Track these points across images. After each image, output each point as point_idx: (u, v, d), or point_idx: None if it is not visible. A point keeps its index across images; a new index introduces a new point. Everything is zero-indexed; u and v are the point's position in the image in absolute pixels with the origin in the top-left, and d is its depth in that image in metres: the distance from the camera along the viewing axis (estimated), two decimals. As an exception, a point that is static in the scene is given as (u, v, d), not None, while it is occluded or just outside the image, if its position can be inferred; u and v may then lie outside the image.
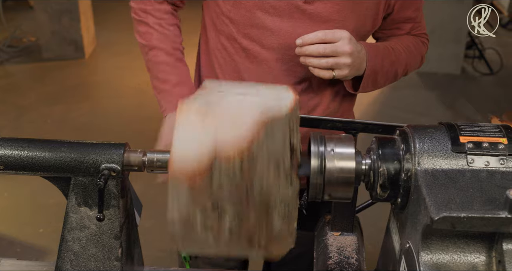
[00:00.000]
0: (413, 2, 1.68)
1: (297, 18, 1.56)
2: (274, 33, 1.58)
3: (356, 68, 1.55)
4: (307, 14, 1.56)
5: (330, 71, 1.51)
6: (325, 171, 1.09)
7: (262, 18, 1.57)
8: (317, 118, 1.42)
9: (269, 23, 1.57)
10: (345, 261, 1.37)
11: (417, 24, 1.75)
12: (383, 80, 1.67)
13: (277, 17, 1.56)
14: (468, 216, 0.93)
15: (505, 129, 1.10)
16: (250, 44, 1.61)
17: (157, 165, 1.15)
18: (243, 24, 1.60)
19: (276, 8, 1.56)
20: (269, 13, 1.56)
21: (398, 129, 1.15)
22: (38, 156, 1.16)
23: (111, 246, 1.20)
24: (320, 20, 1.57)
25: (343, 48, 1.48)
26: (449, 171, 1.05)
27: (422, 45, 1.78)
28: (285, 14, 1.56)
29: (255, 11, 1.57)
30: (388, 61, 1.64)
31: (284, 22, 1.57)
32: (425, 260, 1.01)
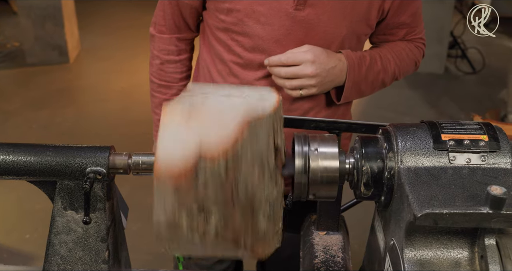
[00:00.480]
0: (408, 8, 1.67)
1: (288, 26, 1.56)
2: (266, 41, 1.59)
3: (327, 85, 1.58)
4: (297, 21, 1.56)
5: (297, 90, 1.56)
6: (309, 170, 1.11)
7: (253, 26, 1.57)
8: (300, 119, 1.44)
9: (261, 31, 1.58)
10: (331, 259, 1.39)
11: (412, 29, 1.74)
12: (369, 89, 1.69)
13: (269, 26, 1.57)
14: (450, 212, 0.95)
15: (485, 126, 1.12)
16: (243, 52, 1.62)
17: (143, 167, 1.16)
18: (237, 33, 1.60)
19: (267, 16, 1.56)
20: (260, 21, 1.57)
21: (381, 129, 1.17)
22: (23, 160, 1.16)
23: (98, 249, 1.20)
24: (311, 26, 1.57)
25: (304, 71, 1.53)
26: (431, 168, 1.07)
27: (416, 50, 1.77)
28: (276, 22, 1.56)
29: (247, 20, 1.57)
30: (373, 71, 1.65)
31: (275, 30, 1.57)
32: (409, 256, 1.02)
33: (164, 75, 1.81)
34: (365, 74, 1.63)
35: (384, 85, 1.72)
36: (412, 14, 1.69)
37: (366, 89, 1.67)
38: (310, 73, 1.52)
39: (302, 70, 1.53)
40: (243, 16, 1.57)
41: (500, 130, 1.11)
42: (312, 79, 1.53)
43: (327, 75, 1.55)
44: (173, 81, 1.81)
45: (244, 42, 1.61)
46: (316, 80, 1.54)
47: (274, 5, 1.54)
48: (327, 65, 1.54)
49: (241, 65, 1.64)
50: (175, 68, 1.80)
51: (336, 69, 1.57)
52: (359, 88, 1.65)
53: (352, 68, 1.59)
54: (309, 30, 1.57)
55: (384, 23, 1.68)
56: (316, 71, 1.52)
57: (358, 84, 1.63)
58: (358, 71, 1.61)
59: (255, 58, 1.61)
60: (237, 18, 1.58)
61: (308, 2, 1.53)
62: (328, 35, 1.59)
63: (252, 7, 1.55)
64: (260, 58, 1.61)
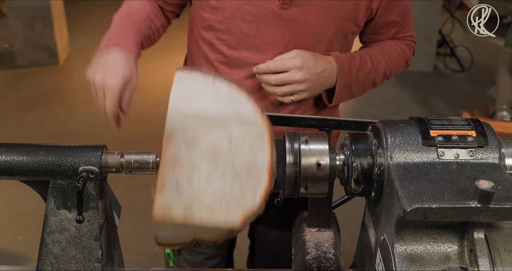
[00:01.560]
0: (397, 7, 1.67)
1: (274, 24, 1.57)
2: (251, 39, 1.59)
3: (317, 89, 1.59)
4: (283, 20, 1.56)
5: (288, 96, 1.56)
6: (300, 167, 1.12)
7: (239, 24, 1.58)
8: (290, 117, 1.45)
9: (247, 29, 1.58)
10: (322, 256, 1.40)
11: (402, 28, 1.75)
12: (360, 89, 1.70)
13: (255, 24, 1.57)
14: (439, 206, 0.96)
15: (473, 122, 1.13)
16: (228, 51, 1.62)
17: (135, 166, 1.16)
18: (221, 31, 1.61)
19: (253, 15, 1.56)
20: (246, 19, 1.57)
21: (371, 125, 1.18)
22: (16, 160, 1.16)
23: (91, 247, 1.21)
24: (297, 25, 1.57)
25: (293, 77, 1.53)
26: (421, 164, 1.08)
27: (407, 48, 1.78)
28: (262, 20, 1.57)
29: (233, 18, 1.57)
30: (363, 72, 1.66)
31: (261, 28, 1.57)
32: (400, 251, 1.04)
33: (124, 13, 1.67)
34: (356, 76, 1.64)
35: (375, 85, 1.73)
36: (401, 12, 1.69)
37: (357, 90, 1.68)
38: (299, 79, 1.53)
39: (291, 77, 1.53)
40: (229, 14, 1.57)
41: (487, 126, 1.13)
42: (301, 84, 1.54)
43: (316, 79, 1.56)
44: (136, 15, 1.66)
45: (230, 41, 1.61)
46: (306, 85, 1.54)
47: (260, 3, 1.55)
48: (316, 70, 1.55)
49: (227, 64, 1.64)
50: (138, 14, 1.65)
51: (326, 72, 1.57)
52: (350, 90, 1.65)
53: (342, 71, 1.60)
54: (295, 29, 1.58)
55: (373, 22, 1.68)
56: (305, 76, 1.53)
57: (349, 85, 1.64)
58: (348, 73, 1.61)
59: (241, 56, 1.61)
60: (223, 16, 1.58)
61: (294, 1, 1.53)
62: (315, 34, 1.59)
63: (239, 6, 1.56)
64: (246, 57, 1.61)
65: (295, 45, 1.58)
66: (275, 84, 1.55)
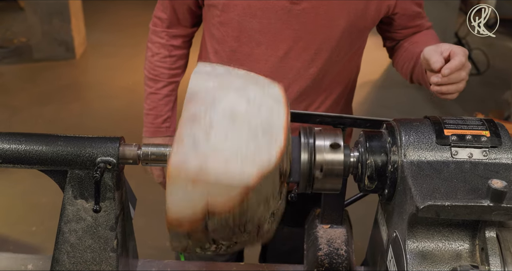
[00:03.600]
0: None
1: (285, 20, 1.58)
2: (262, 35, 1.60)
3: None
4: (294, 15, 1.57)
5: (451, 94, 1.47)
6: (314, 163, 1.13)
7: (250, 20, 1.58)
8: (306, 114, 1.46)
9: (257, 25, 1.59)
10: (334, 252, 1.41)
11: (425, 17, 1.76)
12: None
13: (265, 19, 1.58)
14: (452, 204, 0.97)
15: (487, 122, 1.14)
16: (239, 47, 1.63)
17: (152, 158, 1.18)
18: (232, 28, 1.61)
19: (264, 10, 1.57)
20: (257, 15, 1.58)
21: (385, 123, 1.19)
22: (35, 150, 1.18)
23: (107, 237, 1.23)
24: (308, 20, 1.58)
25: (469, 65, 1.45)
26: (434, 162, 1.09)
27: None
28: (273, 16, 1.57)
29: (244, 14, 1.58)
30: None
31: (272, 24, 1.58)
32: (411, 248, 1.04)
33: (153, 69, 1.83)
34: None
35: None
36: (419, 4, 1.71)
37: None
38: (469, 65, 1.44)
39: (468, 65, 1.43)
40: (239, 11, 1.58)
41: (501, 127, 1.13)
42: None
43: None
44: (161, 76, 1.83)
45: (241, 37, 1.62)
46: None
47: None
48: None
49: (238, 61, 1.65)
50: (164, 63, 1.82)
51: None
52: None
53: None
54: (306, 24, 1.58)
55: (398, 17, 1.68)
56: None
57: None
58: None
59: (252, 52, 1.62)
60: (234, 13, 1.59)
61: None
62: (326, 28, 1.59)
63: (249, 2, 1.57)
64: (257, 53, 1.62)
65: (305, 40, 1.59)
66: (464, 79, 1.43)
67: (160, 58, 1.82)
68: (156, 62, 1.82)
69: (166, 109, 1.85)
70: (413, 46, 1.70)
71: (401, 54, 1.74)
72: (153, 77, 1.83)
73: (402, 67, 1.73)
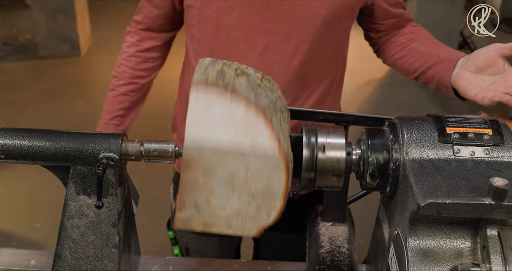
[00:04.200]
0: None
1: (263, 13, 1.56)
2: (240, 30, 1.58)
3: None
4: (272, 8, 1.55)
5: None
6: (316, 160, 1.13)
7: (227, 16, 1.57)
8: (309, 111, 1.46)
9: (235, 21, 1.57)
10: (336, 250, 1.41)
11: (406, 8, 1.74)
12: None
13: (243, 14, 1.56)
14: (453, 202, 0.97)
15: (490, 121, 1.14)
16: (219, 45, 1.62)
17: (154, 154, 1.18)
18: (211, 26, 1.60)
19: (240, 5, 1.55)
20: (234, 11, 1.56)
21: (387, 121, 1.19)
22: (38, 145, 1.19)
23: (109, 233, 1.23)
24: (286, 12, 1.55)
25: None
26: (436, 160, 1.09)
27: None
28: (250, 10, 1.56)
29: (220, 10, 1.57)
30: None
31: (250, 18, 1.56)
32: (413, 245, 1.05)
33: (118, 66, 1.83)
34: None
35: None
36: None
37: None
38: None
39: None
40: (216, 7, 1.57)
41: (504, 125, 1.13)
42: None
43: None
44: (123, 74, 1.82)
45: (220, 35, 1.60)
46: None
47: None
48: None
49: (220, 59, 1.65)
50: (129, 62, 1.81)
51: None
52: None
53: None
54: (284, 16, 1.56)
55: (377, 4, 1.67)
56: None
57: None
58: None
59: (232, 50, 1.61)
60: (211, 10, 1.58)
61: None
62: (305, 19, 1.57)
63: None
64: (237, 50, 1.61)
65: (285, 32, 1.57)
66: None
67: (125, 56, 1.81)
68: (122, 60, 1.82)
69: (118, 108, 1.83)
70: (426, 47, 1.68)
71: (407, 53, 1.71)
72: (115, 75, 1.83)
73: (410, 64, 1.70)
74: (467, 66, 1.44)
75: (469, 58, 1.45)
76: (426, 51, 1.64)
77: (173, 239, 2.04)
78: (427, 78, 1.64)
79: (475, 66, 1.42)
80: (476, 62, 1.41)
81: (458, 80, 1.46)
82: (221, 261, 1.51)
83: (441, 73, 1.56)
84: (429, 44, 1.67)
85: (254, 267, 1.48)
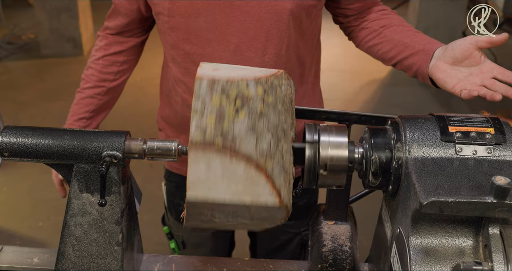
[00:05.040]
0: None
1: (230, 13, 1.56)
2: (210, 32, 1.59)
3: None
4: (237, 7, 1.56)
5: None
6: (319, 159, 1.14)
7: (196, 20, 1.58)
8: (311, 110, 1.46)
9: (204, 24, 1.58)
10: (338, 248, 1.42)
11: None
12: None
13: (210, 16, 1.57)
14: (455, 200, 0.97)
15: (492, 120, 1.14)
16: (192, 49, 1.62)
17: (157, 152, 1.19)
18: (182, 31, 1.61)
19: (207, 8, 1.56)
20: (201, 14, 1.57)
21: (390, 120, 1.19)
22: (42, 143, 1.19)
23: (112, 231, 1.24)
24: (252, 9, 1.56)
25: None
26: (438, 159, 1.09)
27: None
28: (217, 11, 1.56)
29: (188, 15, 1.58)
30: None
31: (218, 20, 1.57)
32: (415, 244, 1.05)
33: (86, 69, 1.84)
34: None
35: None
36: None
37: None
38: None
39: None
40: (183, 12, 1.58)
41: (506, 124, 1.14)
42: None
43: None
44: (90, 77, 1.83)
45: (191, 38, 1.61)
46: None
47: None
48: None
49: (193, 63, 1.64)
50: (96, 65, 1.82)
51: None
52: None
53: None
54: (251, 13, 1.56)
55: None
56: None
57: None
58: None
59: (204, 52, 1.62)
60: (179, 16, 1.58)
61: None
62: (272, 14, 1.57)
63: (191, 2, 1.56)
64: (209, 52, 1.61)
65: (254, 29, 1.58)
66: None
67: (93, 60, 1.83)
68: (90, 63, 1.83)
69: (84, 110, 1.85)
70: (400, 35, 1.65)
71: (381, 40, 1.68)
72: (83, 77, 1.84)
73: (385, 52, 1.67)
74: (444, 58, 1.45)
75: (446, 50, 1.45)
76: (401, 40, 1.62)
77: (168, 234, 2.05)
78: (404, 67, 1.63)
79: (452, 58, 1.42)
80: (454, 54, 1.41)
81: (436, 71, 1.46)
82: (224, 260, 1.51)
83: (417, 65, 1.55)
84: (402, 32, 1.65)
85: (257, 266, 1.48)
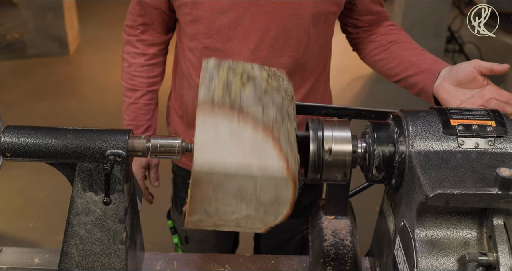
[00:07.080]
0: None
1: (253, 12, 1.58)
2: (232, 29, 1.60)
3: None
4: (261, 6, 1.57)
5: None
6: (322, 154, 1.14)
7: (219, 16, 1.59)
8: (312, 105, 1.47)
9: (227, 20, 1.59)
10: (340, 243, 1.42)
11: (383, 5, 1.77)
12: None
13: (234, 14, 1.58)
14: (461, 193, 0.98)
15: (493, 113, 1.15)
16: (211, 43, 1.63)
17: (161, 150, 1.19)
18: (203, 25, 1.62)
19: (231, 5, 1.57)
20: (225, 11, 1.58)
21: (392, 114, 1.20)
22: (44, 143, 1.19)
23: (116, 230, 1.23)
24: (275, 10, 1.58)
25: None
26: (441, 152, 1.10)
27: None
28: (241, 9, 1.58)
29: (212, 10, 1.59)
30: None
31: (241, 18, 1.58)
32: (420, 236, 1.06)
33: (131, 78, 1.83)
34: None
35: None
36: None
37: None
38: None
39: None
40: (207, 7, 1.59)
41: (506, 117, 1.15)
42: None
43: None
44: (139, 86, 1.82)
45: (212, 34, 1.62)
46: None
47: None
48: None
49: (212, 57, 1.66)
50: (142, 72, 1.81)
51: None
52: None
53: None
54: (274, 14, 1.58)
55: (358, 2, 1.70)
56: None
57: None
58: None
59: (224, 48, 1.63)
60: (203, 10, 1.59)
61: None
62: (294, 16, 1.60)
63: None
64: (229, 48, 1.62)
65: (275, 30, 1.60)
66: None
67: (136, 67, 1.81)
68: (133, 72, 1.82)
69: (146, 119, 1.85)
70: (407, 53, 1.70)
71: (387, 56, 1.73)
72: (131, 87, 1.82)
73: (390, 68, 1.72)
74: (449, 79, 1.48)
75: (451, 72, 1.48)
76: (408, 58, 1.67)
77: (172, 228, 2.05)
78: (408, 84, 1.68)
79: (456, 80, 1.45)
80: (458, 76, 1.44)
81: (440, 92, 1.49)
82: (225, 256, 1.51)
83: (423, 83, 1.59)
84: (409, 49, 1.70)
85: (258, 261, 1.49)
